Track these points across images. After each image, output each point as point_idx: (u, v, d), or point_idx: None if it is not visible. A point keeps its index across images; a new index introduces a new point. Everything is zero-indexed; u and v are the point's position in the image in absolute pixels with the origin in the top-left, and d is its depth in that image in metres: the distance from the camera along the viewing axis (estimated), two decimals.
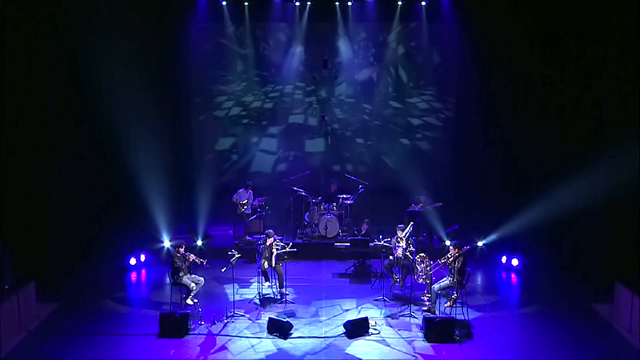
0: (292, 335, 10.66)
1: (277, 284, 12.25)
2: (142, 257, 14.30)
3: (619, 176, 11.70)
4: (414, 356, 10.07)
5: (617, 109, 11.94)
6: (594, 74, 12.96)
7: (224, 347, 10.31)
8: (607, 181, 12.05)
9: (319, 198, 15.40)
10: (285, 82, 17.41)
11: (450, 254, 11.21)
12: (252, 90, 17.51)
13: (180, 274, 11.46)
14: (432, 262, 11.64)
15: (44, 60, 12.20)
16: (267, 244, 12.10)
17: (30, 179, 12.09)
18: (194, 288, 11.56)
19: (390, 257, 12.42)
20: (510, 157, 15.56)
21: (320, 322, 11.29)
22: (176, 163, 16.46)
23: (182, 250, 11.59)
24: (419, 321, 11.07)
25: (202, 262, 11.56)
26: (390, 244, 12.37)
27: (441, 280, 11.44)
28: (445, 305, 11.33)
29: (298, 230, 15.41)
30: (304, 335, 10.72)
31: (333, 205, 15.24)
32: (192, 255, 11.61)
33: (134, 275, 13.95)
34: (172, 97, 16.38)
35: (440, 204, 14.93)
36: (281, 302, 12.03)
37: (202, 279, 11.81)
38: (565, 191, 13.21)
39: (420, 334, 10.70)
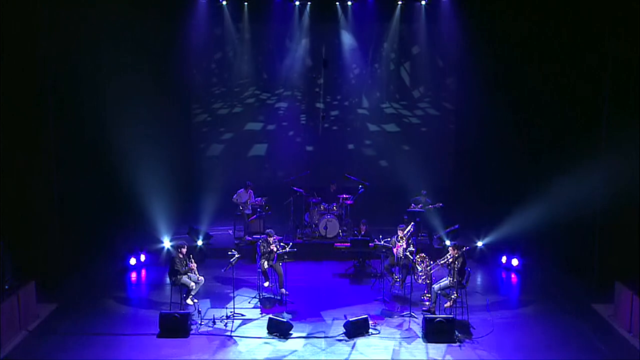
0: (292, 335, 10.65)
1: (277, 284, 12.24)
2: (142, 257, 14.30)
3: (619, 176, 11.70)
4: (413, 356, 10.06)
5: (617, 109, 11.95)
6: (594, 74, 12.95)
7: (224, 347, 10.30)
8: (608, 181, 12.05)
9: (319, 198, 15.39)
10: (285, 83, 17.42)
11: (450, 255, 11.22)
12: (252, 89, 17.52)
13: (179, 275, 11.45)
14: (432, 262, 11.63)
15: (44, 62, 12.20)
16: (267, 243, 12.10)
17: (30, 179, 12.09)
18: (194, 288, 11.55)
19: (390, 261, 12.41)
20: (510, 157, 15.54)
21: (320, 322, 11.28)
22: (176, 163, 16.44)
23: (184, 250, 11.57)
24: (419, 321, 11.07)
25: (199, 280, 11.60)
26: (390, 244, 12.37)
27: (441, 281, 11.43)
28: (445, 305, 11.33)
29: (298, 230, 15.40)
30: (304, 335, 10.71)
31: (333, 206, 15.23)
32: (193, 264, 11.58)
33: (134, 275, 13.94)
34: (172, 97, 16.37)
35: (441, 204, 14.94)
36: (281, 302, 12.04)
37: (202, 278, 11.80)
38: (566, 191, 13.21)
39: (420, 334, 10.71)
